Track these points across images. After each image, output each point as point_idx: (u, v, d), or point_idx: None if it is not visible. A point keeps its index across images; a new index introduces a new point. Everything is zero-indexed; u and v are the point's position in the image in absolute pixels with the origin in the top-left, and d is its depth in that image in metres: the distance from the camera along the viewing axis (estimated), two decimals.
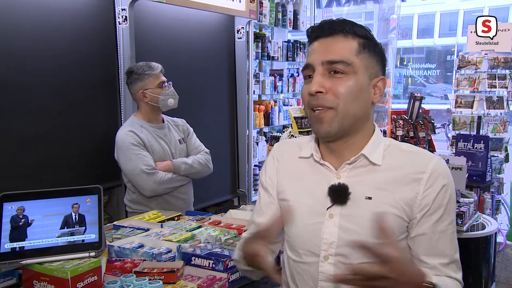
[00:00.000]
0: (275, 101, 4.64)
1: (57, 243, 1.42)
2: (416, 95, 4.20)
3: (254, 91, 4.22)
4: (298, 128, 2.66)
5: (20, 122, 2.48)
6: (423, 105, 4.17)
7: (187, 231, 1.90)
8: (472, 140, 3.57)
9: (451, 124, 4.69)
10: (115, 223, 2.07)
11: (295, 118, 2.70)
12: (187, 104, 2.61)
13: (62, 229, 1.45)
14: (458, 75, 4.53)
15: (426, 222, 1.14)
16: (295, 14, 4.82)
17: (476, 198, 3.03)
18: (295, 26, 4.85)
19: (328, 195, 1.16)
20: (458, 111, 4.48)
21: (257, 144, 4.35)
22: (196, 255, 1.60)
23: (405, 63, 19.09)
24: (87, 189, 1.51)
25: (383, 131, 5.00)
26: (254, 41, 4.12)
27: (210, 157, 2.72)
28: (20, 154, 2.48)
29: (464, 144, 3.59)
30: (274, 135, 2.90)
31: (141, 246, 1.71)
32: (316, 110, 1.14)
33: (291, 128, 2.71)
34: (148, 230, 1.91)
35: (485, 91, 4.37)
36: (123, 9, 2.92)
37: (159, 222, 2.05)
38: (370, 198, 1.14)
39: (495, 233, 2.72)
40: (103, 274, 1.44)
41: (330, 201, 1.15)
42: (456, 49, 16.93)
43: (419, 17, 18.63)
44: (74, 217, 1.47)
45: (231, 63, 3.99)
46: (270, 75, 4.61)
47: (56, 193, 1.50)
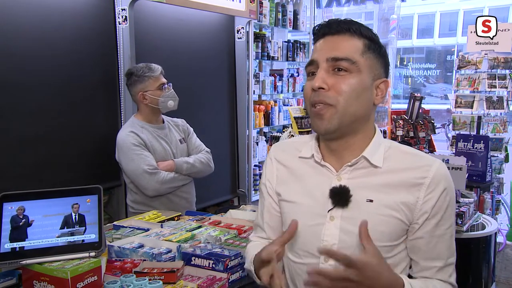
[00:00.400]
0: (275, 101, 4.64)
1: (57, 243, 1.42)
2: (416, 95, 4.21)
3: (254, 91, 4.22)
4: (298, 128, 2.66)
5: (20, 122, 2.47)
6: (423, 105, 4.18)
7: (187, 231, 1.89)
8: (472, 140, 3.56)
9: (451, 124, 4.69)
10: (115, 223, 2.07)
11: (295, 118, 2.70)
12: (187, 104, 2.61)
13: (62, 229, 1.45)
14: (458, 75, 4.53)
15: (425, 226, 1.14)
16: (295, 14, 4.82)
17: (476, 198, 3.03)
18: (295, 26, 4.85)
19: (329, 197, 1.16)
20: (458, 111, 4.48)
21: (257, 144, 4.35)
22: (196, 255, 1.60)
23: (405, 63, 19.08)
24: (87, 189, 1.51)
25: (383, 131, 5.00)
26: (254, 41, 4.12)
27: (211, 156, 2.72)
28: (20, 154, 2.48)
29: (464, 144, 3.58)
30: (274, 135, 2.90)
31: (141, 246, 1.71)
32: (316, 106, 1.14)
33: (291, 128, 2.71)
34: (148, 230, 1.91)
35: (485, 91, 4.37)
36: (123, 9, 2.92)
37: (159, 222, 2.05)
38: (371, 201, 1.13)
39: (495, 233, 2.72)
40: (103, 274, 1.44)
41: (331, 203, 1.15)
42: (456, 49, 16.92)
43: (419, 17, 18.62)
44: (74, 217, 1.47)
45: (231, 63, 3.99)
46: (270, 75, 4.61)
47: (56, 193, 1.50)
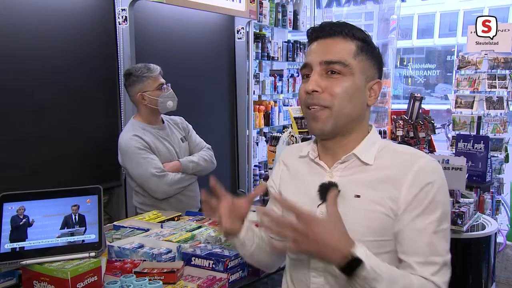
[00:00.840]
0: (275, 101, 4.64)
1: (57, 243, 1.42)
2: (416, 95, 4.20)
3: (254, 91, 4.22)
4: (298, 129, 2.65)
5: (20, 122, 2.48)
6: (423, 106, 4.17)
7: (187, 231, 1.90)
8: (472, 141, 3.56)
9: (451, 125, 4.68)
10: (115, 223, 2.07)
11: (295, 118, 2.69)
12: (187, 105, 2.61)
13: (62, 230, 1.45)
14: (458, 75, 4.53)
15: (405, 219, 1.12)
16: (295, 14, 4.82)
17: (476, 198, 3.03)
18: (295, 27, 4.85)
19: (317, 193, 1.18)
20: (458, 112, 4.47)
21: (257, 144, 4.35)
22: (196, 255, 1.60)
23: (405, 63, 19.08)
24: (87, 190, 1.51)
25: (383, 131, 5.00)
26: (254, 41, 4.12)
27: (212, 152, 2.72)
28: (20, 154, 2.48)
29: (464, 145, 3.58)
30: (274, 135, 2.89)
31: (141, 246, 1.71)
32: (311, 108, 1.18)
33: (291, 128, 2.70)
34: (148, 230, 1.91)
35: (485, 91, 4.36)
36: (123, 10, 2.92)
37: (159, 222, 2.05)
38: (358, 196, 1.15)
39: (495, 234, 2.72)
40: (103, 274, 1.44)
41: (319, 198, 1.17)
42: (456, 49, 16.92)
43: (419, 17, 18.62)
44: (74, 217, 1.47)
45: (231, 63, 3.99)
46: (270, 75, 4.62)
47: (56, 193, 1.50)
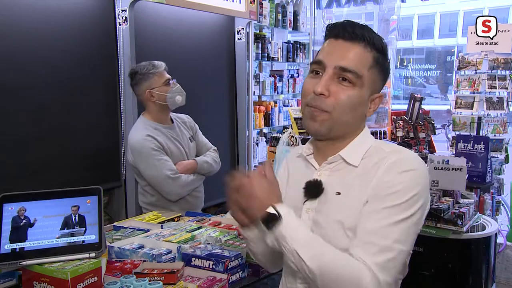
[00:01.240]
0: (275, 102, 4.64)
1: (57, 244, 1.42)
2: (416, 95, 4.20)
3: (254, 91, 4.22)
4: (298, 129, 2.65)
5: (20, 123, 2.48)
6: (423, 106, 4.17)
7: (187, 232, 1.90)
8: (472, 141, 3.56)
9: (451, 125, 4.68)
10: (115, 224, 2.07)
11: (295, 119, 2.69)
12: (187, 105, 2.61)
13: (62, 230, 1.44)
14: (458, 76, 4.53)
15: (368, 203, 1.11)
16: (295, 15, 4.82)
17: (476, 199, 3.03)
18: (295, 27, 4.85)
19: (303, 190, 1.21)
20: (458, 112, 4.47)
21: (257, 145, 4.35)
22: (196, 256, 1.60)
23: (405, 63, 19.08)
24: (87, 190, 1.51)
25: (383, 132, 5.00)
26: (254, 42, 4.12)
27: (218, 153, 2.74)
28: (20, 154, 2.48)
29: (464, 145, 3.58)
30: (274, 136, 2.88)
31: (141, 247, 1.71)
32: (312, 108, 1.17)
33: (291, 129, 2.70)
34: (148, 231, 1.91)
35: (485, 92, 4.36)
36: (123, 10, 2.92)
37: (159, 223, 2.05)
38: (339, 194, 1.17)
39: (495, 234, 2.72)
40: (103, 275, 1.44)
41: (304, 195, 1.21)
42: (456, 50, 16.91)
43: (419, 18, 18.60)
44: (74, 218, 1.47)
45: (231, 64, 3.99)
46: (270, 76, 4.62)
47: (56, 194, 1.50)
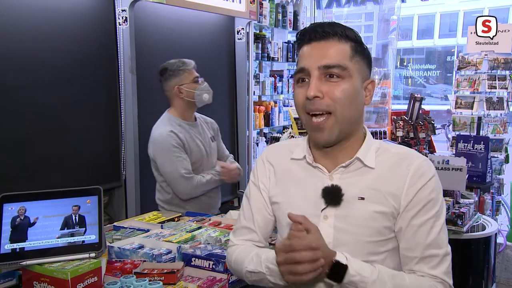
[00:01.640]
0: (275, 102, 4.64)
1: (57, 244, 1.42)
2: (416, 96, 4.20)
3: (254, 92, 4.22)
4: (298, 129, 2.65)
5: (21, 123, 2.48)
6: (423, 106, 4.17)
7: (187, 232, 1.90)
8: (472, 141, 3.56)
9: (451, 125, 4.68)
10: (115, 223, 2.07)
11: (295, 119, 2.69)
12: None
13: (62, 230, 1.45)
14: (458, 76, 4.53)
15: (405, 217, 1.16)
16: (295, 15, 4.82)
17: (476, 199, 3.03)
18: (295, 27, 4.85)
19: (321, 197, 1.17)
20: (458, 112, 4.47)
21: (257, 145, 4.35)
22: (196, 256, 1.60)
23: (405, 64, 19.08)
24: (87, 190, 1.51)
25: (383, 132, 5.00)
26: (254, 42, 4.12)
27: None
28: (20, 154, 2.48)
29: (464, 145, 3.58)
30: (274, 136, 2.89)
31: (141, 247, 1.71)
32: (313, 115, 1.15)
33: (291, 129, 2.70)
34: (148, 231, 1.91)
35: (485, 92, 4.36)
36: (123, 10, 2.92)
37: (159, 223, 2.05)
38: (363, 199, 1.16)
39: (495, 234, 2.72)
40: (103, 275, 1.44)
41: (324, 202, 1.17)
42: (456, 50, 16.91)
43: (419, 18, 18.60)
44: (74, 218, 1.47)
45: (231, 64, 3.99)
46: (270, 76, 4.62)
47: (56, 194, 1.50)
